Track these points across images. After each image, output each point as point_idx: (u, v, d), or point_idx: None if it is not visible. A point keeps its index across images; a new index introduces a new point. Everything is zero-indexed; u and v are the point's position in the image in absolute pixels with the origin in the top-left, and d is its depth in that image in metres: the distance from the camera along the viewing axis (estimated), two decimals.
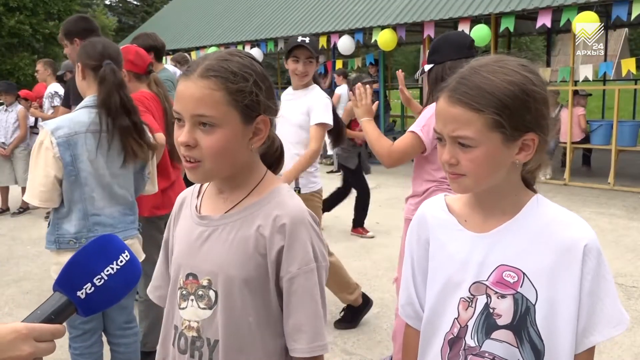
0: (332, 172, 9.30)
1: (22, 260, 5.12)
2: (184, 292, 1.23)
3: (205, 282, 1.20)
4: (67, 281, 0.88)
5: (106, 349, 2.58)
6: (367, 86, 2.63)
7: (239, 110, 1.13)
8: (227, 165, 1.17)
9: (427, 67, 2.59)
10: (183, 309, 1.24)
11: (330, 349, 3.28)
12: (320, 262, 1.18)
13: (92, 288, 0.88)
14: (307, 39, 3.16)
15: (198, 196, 1.31)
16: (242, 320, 1.18)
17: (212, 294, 1.19)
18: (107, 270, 0.89)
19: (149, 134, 2.44)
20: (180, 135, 1.13)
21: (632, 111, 13.50)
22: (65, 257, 2.26)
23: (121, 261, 0.90)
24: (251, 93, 1.14)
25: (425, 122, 2.47)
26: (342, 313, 3.62)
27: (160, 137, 2.78)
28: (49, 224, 2.36)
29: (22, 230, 6.18)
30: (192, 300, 1.22)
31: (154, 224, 2.96)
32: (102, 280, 0.88)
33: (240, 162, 1.19)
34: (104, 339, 2.57)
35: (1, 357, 0.80)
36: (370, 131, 2.56)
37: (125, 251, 0.92)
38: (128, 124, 2.31)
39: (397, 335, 2.85)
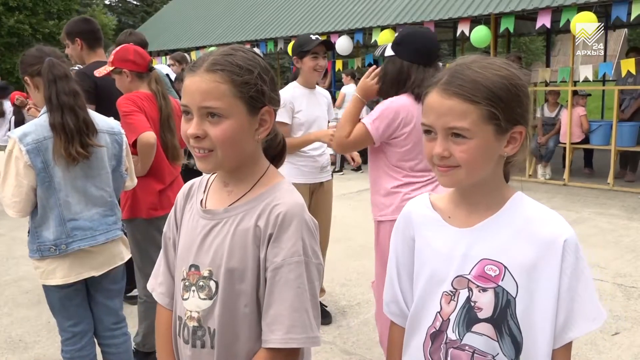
0: (333, 171, 9.31)
1: (22, 260, 5.12)
2: (187, 284, 1.27)
3: (206, 273, 1.24)
4: None
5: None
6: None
7: (244, 101, 1.18)
8: (236, 154, 1.21)
9: (388, 53, 2.58)
10: (186, 299, 1.27)
11: (330, 349, 3.28)
12: (310, 258, 1.20)
13: None
14: (318, 37, 3.38)
15: (204, 190, 1.35)
16: (238, 309, 1.21)
17: (212, 284, 1.23)
18: None
19: (91, 139, 2.26)
20: (189, 128, 1.17)
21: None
22: (46, 263, 2.29)
23: None
24: (256, 85, 1.19)
25: (377, 115, 2.51)
26: None
27: (146, 137, 2.73)
28: (28, 232, 2.34)
29: (22, 230, 6.16)
30: (193, 291, 1.26)
31: (153, 225, 2.96)
32: None
33: (247, 153, 1.24)
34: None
35: None
36: (350, 108, 2.61)
37: None
38: (59, 121, 2.18)
39: (382, 338, 2.84)
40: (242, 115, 1.18)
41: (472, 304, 1.16)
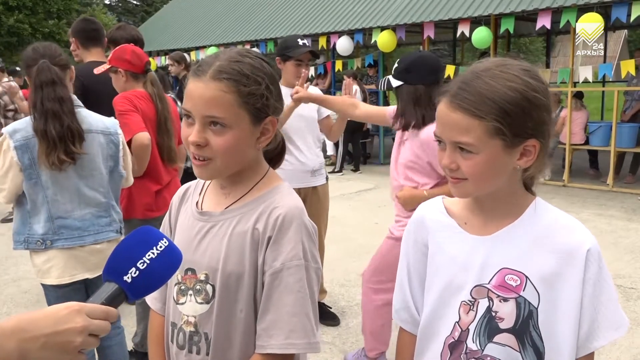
0: (333, 172, 9.31)
1: (21, 259, 5.11)
2: (182, 287, 1.24)
3: (202, 277, 1.21)
4: (113, 268, 0.96)
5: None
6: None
7: (249, 112, 1.15)
8: (236, 163, 1.19)
9: (395, 84, 2.60)
10: (182, 304, 1.24)
11: (329, 349, 3.28)
12: (310, 262, 1.17)
13: (137, 272, 0.95)
14: (307, 42, 3.34)
15: (200, 192, 1.32)
16: (234, 314, 1.19)
17: (209, 288, 1.20)
18: (149, 255, 0.97)
19: (75, 146, 2.24)
20: (191, 135, 1.14)
21: None
22: (42, 263, 2.29)
23: (160, 246, 0.98)
24: (262, 96, 1.15)
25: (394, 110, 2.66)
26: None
27: (140, 137, 2.72)
28: (14, 222, 2.35)
29: None
30: (190, 295, 1.23)
31: (151, 226, 2.94)
32: (145, 264, 0.96)
33: (247, 160, 1.22)
34: None
35: (58, 329, 0.85)
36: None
37: (164, 239, 1.00)
38: (42, 128, 2.19)
39: (366, 327, 2.95)
40: (245, 125, 1.15)
41: (493, 314, 1.13)
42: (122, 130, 2.59)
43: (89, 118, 2.35)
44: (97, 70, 3.01)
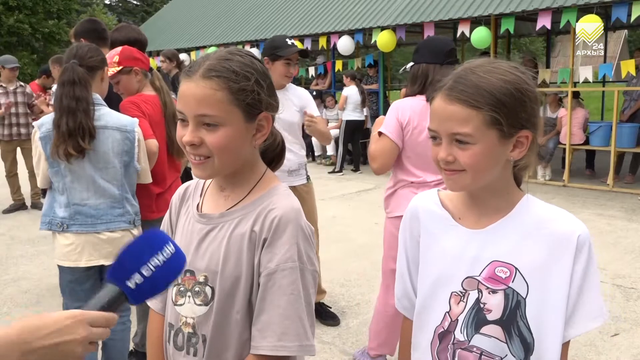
0: (333, 172, 9.31)
1: (21, 259, 5.12)
2: (181, 289, 1.25)
3: (201, 279, 1.22)
4: (117, 272, 0.96)
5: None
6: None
7: (241, 108, 1.15)
8: (233, 161, 1.19)
9: (409, 65, 2.81)
10: (180, 305, 1.25)
11: (329, 349, 3.28)
12: (306, 264, 1.17)
13: (141, 278, 0.95)
14: (294, 41, 3.33)
15: (200, 194, 1.33)
16: (231, 316, 1.19)
17: (208, 290, 1.21)
18: (153, 261, 0.96)
19: (84, 142, 2.37)
20: (185, 135, 1.15)
21: None
22: (62, 246, 2.43)
23: (165, 252, 0.98)
24: (253, 92, 1.16)
25: (386, 118, 2.68)
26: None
27: (149, 144, 2.73)
28: (44, 204, 2.56)
29: (21, 230, 6.17)
30: (189, 296, 1.23)
31: (148, 227, 2.95)
32: (150, 271, 0.96)
33: (244, 159, 1.22)
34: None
35: (60, 340, 0.86)
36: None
37: (170, 243, 0.99)
38: (57, 121, 2.36)
39: (371, 324, 2.96)
40: (238, 122, 1.15)
41: (482, 305, 1.16)
42: None
43: (106, 116, 2.48)
44: (110, 73, 2.85)
